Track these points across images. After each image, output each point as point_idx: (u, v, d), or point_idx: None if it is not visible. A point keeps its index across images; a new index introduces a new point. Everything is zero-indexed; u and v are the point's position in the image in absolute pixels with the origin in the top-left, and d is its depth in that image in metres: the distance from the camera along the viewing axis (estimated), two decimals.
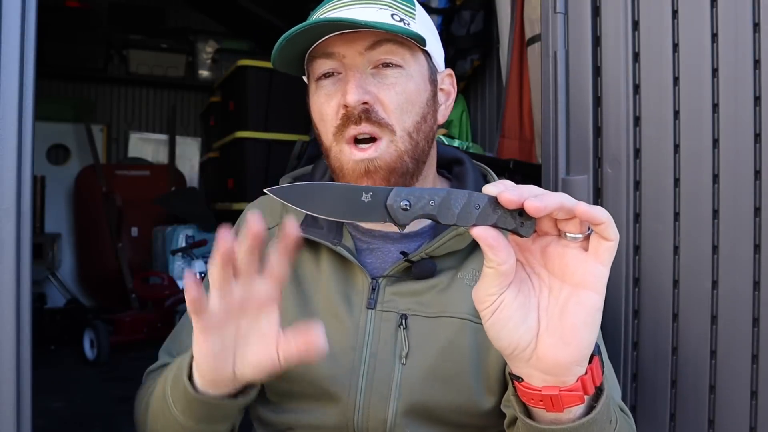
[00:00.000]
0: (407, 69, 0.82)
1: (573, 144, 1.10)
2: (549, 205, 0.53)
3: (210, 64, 5.06)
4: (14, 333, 0.86)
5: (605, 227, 0.54)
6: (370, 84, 0.80)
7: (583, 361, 0.59)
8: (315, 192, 0.57)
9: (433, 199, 0.55)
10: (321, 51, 0.81)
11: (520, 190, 0.54)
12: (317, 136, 0.87)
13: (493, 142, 2.52)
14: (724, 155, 0.94)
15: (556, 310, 0.57)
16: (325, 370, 0.82)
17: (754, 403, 0.92)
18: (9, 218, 0.86)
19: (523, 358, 0.59)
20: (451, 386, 0.82)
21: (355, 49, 0.80)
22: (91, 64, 4.77)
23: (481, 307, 0.58)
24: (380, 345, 0.83)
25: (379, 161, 0.80)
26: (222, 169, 4.04)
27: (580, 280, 0.56)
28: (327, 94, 0.82)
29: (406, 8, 0.84)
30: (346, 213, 0.57)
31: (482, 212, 0.55)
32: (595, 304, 0.56)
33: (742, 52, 0.92)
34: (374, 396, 0.81)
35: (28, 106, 0.89)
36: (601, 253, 0.55)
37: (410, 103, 0.82)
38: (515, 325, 0.57)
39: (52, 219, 4.61)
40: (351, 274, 0.86)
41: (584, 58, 1.08)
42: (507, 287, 0.57)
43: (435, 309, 0.83)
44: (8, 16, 0.87)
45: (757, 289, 0.91)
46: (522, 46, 2.29)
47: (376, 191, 0.56)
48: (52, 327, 3.82)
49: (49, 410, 2.70)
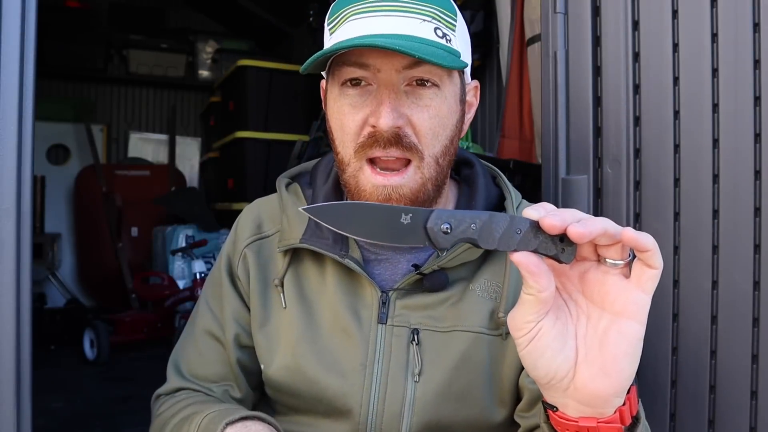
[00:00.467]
0: (443, 89, 0.76)
1: (573, 144, 1.10)
2: (593, 231, 0.51)
3: (210, 64, 5.06)
4: (14, 333, 0.86)
5: (651, 255, 0.52)
6: (403, 104, 0.74)
7: (623, 393, 0.56)
8: (352, 212, 0.55)
9: (475, 223, 0.54)
10: (355, 60, 0.74)
11: (562, 215, 0.52)
12: (331, 141, 0.82)
13: (493, 142, 2.52)
14: (724, 155, 0.94)
15: (595, 340, 0.55)
16: (335, 388, 0.80)
17: (754, 403, 0.92)
18: (9, 218, 0.86)
19: (560, 388, 0.57)
20: (465, 401, 0.80)
21: (392, 66, 0.74)
22: (91, 64, 4.77)
23: (518, 335, 0.56)
24: (392, 361, 0.80)
25: (403, 189, 0.76)
26: (222, 169, 4.04)
27: (621, 309, 0.54)
28: (352, 104, 0.76)
29: (449, 20, 0.78)
30: (384, 235, 0.55)
31: (523, 237, 0.53)
32: (637, 334, 0.54)
33: (742, 52, 0.92)
34: (387, 414, 0.79)
35: (28, 106, 0.89)
36: (645, 282, 0.53)
37: (442, 127, 0.77)
38: (553, 355, 0.55)
39: (52, 219, 4.60)
40: (359, 286, 0.83)
41: (584, 58, 1.08)
42: (545, 315, 0.55)
43: (448, 323, 0.81)
44: (8, 16, 0.87)
45: (757, 289, 0.91)
46: (522, 46, 2.29)
47: (415, 213, 0.54)
48: (52, 327, 3.81)
49: (49, 410, 2.70)
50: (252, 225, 0.91)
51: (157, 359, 0.96)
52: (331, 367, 0.81)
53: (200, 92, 5.17)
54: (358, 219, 0.55)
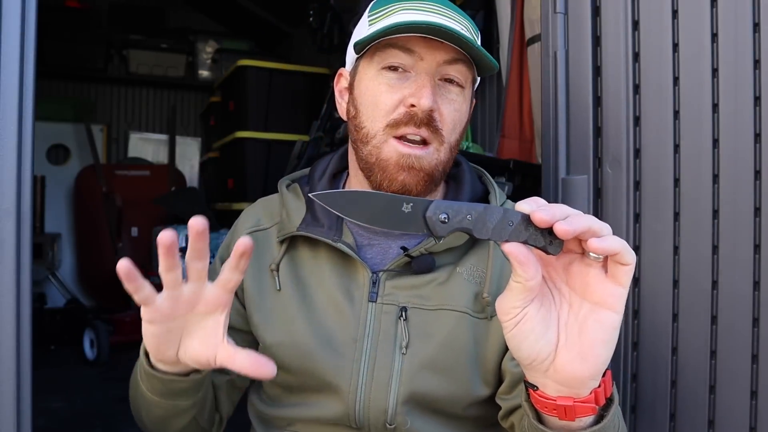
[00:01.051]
0: (465, 91, 0.86)
1: (573, 144, 1.10)
2: (578, 228, 0.55)
3: (210, 64, 5.06)
4: (14, 333, 0.86)
5: (621, 256, 0.56)
6: (437, 94, 0.83)
7: (598, 376, 0.61)
8: (358, 199, 0.59)
9: (471, 214, 0.57)
10: (402, 44, 0.82)
11: (552, 210, 0.56)
12: (353, 118, 0.88)
13: (493, 142, 2.52)
14: (724, 155, 0.94)
15: (575, 327, 0.59)
16: (327, 362, 0.85)
17: (754, 403, 0.92)
18: (9, 218, 0.86)
19: (541, 370, 0.61)
20: (449, 376, 0.84)
21: (436, 58, 0.82)
22: (91, 64, 4.76)
23: (505, 319, 0.60)
24: (381, 336, 0.85)
25: (423, 161, 0.83)
26: (222, 169, 4.04)
27: (600, 299, 0.58)
28: (390, 85, 0.83)
29: (476, 35, 0.87)
30: (385, 221, 0.59)
31: (515, 229, 0.57)
32: (614, 323, 0.58)
33: (742, 52, 0.92)
34: (375, 385, 0.84)
35: (28, 106, 0.89)
36: (620, 276, 0.57)
37: (459, 122, 0.86)
38: (536, 338, 0.59)
39: (52, 219, 4.60)
40: (352, 269, 0.88)
41: (584, 58, 1.08)
42: (531, 301, 0.59)
43: (434, 302, 0.86)
44: (8, 16, 0.87)
45: (757, 289, 0.91)
46: (522, 46, 2.29)
47: (416, 203, 0.58)
48: (52, 327, 3.82)
49: (49, 410, 2.70)
50: (252, 220, 0.98)
51: None
52: (324, 342, 0.86)
53: (200, 92, 5.17)
54: (363, 205, 0.58)
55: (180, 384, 0.77)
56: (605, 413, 0.65)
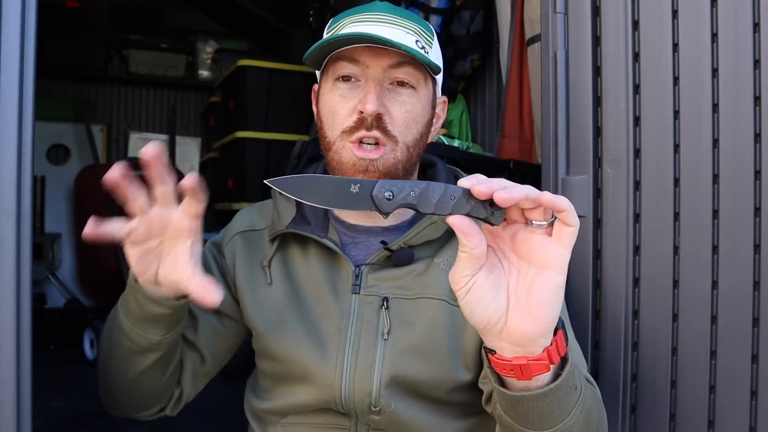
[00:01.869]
0: (418, 91, 0.91)
1: (573, 144, 1.10)
2: (515, 196, 0.59)
3: (210, 64, 5.05)
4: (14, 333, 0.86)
5: (567, 214, 0.60)
6: (385, 97, 0.88)
7: (548, 333, 0.65)
8: (309, 183, 0.63)
9: (414, 191, 0.62)
10: (348, 55, 0.89)
11: (490, 183, 0.61)
12: (320, 129, 0.95)
13: (493, 142, 2.52)
14: (724, 155, 0.94)
15: (523, 290, 0.64)
16: (314, 350, 0.91)
17: (754, 403, 0.92)
18: (9, 218, 0.86)
19: (495, 332, 0.65)
20: (430, 360, 0.89)
21: (380, 64, 0.88)
22: (91, 64, 4.76)
23: (457, 287, 0.64)
24: (364, 324, 0.91)
25: (378, 163, 0.88)
26: (222, 169, 4.04)
27: (545, 262, 0.62)
28: (343, 95, 0.90)
29: (427, 37, 0.93)
30: (336, 202, 0.63)
31: (457, 202, 0.61)
32: (558, 282, 0.63)
33: (742, 52, 0.92)
34: (359, 369, 0.89)
35: (28, 106, 0.89)
36: (563, 237, 0.62)
37: (414, 122, 0.91)
38: (486, 303, 0.64)
39: (52, 219, 4.60)
40: (337, 264, 0.95)
41: (584, 58, 1.08)
42: (479, 269, 0.63)
43: (414, 291, 0.92)
44: (8, 16, 0.87)
45: (757, 289, 0.91)
46: (522, 46, 2.29)
47: (363, 183, 0.63)
48: (52, 327, 3.81)
49: (49, 410, 2.70)
50: (246, 221, 1.04)
51: None
52: (311, 332, 0.92)
53: (200, 92, 5.16)
54: (315, 188, 0.63)
55: (157, 308, 0.83)
56: (561, 372, 0.69)
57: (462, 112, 2.72)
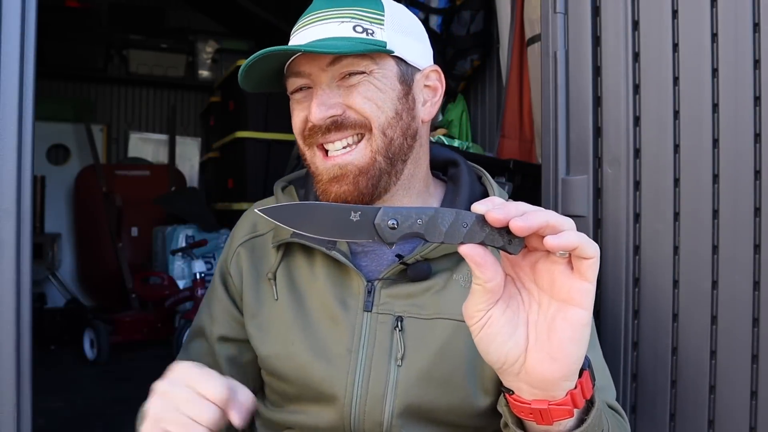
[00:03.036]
0: (371, 75, 0.83)
1: (573, 144, 1.10)
2: (533, 224, 0.54)
3: (210, 64, 5.06)
4: (14, 333, 0.86)
5: (581, 250, 0.55)
6: (335, 96, 0.83)
7: (572, 376, 0.60)
8: (305, 212, 0.59)
9: (421, 218, 0.56)
10: (291, 70, 0.86)
11: (507, 208, 0.55)
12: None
13: (493, 142, 2.52)
14: (724, 155, 0.94)
15: (544, 326, 0.58)
16: (321, 373, 0.84)
17: (754, 403, 0.92)
18: (9, 218, 0.86)
19: (512, 372, 0.60)
20: (447, 387, 0.82)
21: (317, 66, 0.83)
22: (91, 64, 4.77)
23: (470, 323, 0.59)
24: (376, 347, 0.84)
25: (350, 166, 0.83)
26: (222, 169, 4.04)
27: (567, 296, 0.57)
28: (297, 108, 0.87)
29: (373, 16, 0.84)
30: (335, 232, 0.58)
31: (470, 230, 0.56)
32: (582, 320, 0.57)
33: (742, 52, 0.92)
34: (370, 397, 0.82)
35: (28, 106, 0.89)
36: (584, 271, 0.56)
37: (381, 100, 0.83)
38: (503, 341, 0.58)
39: (52, 219, 4.60)
40: (346, 277, 0.87)
41: (584, 58, 1.08)
42: (495, 303, 0.58)
43: (430, 311, 0.84)
44: (8, 16, 0.87)
45: (757, 289, 0.91)
46: (522, 46, 2.29)
47: (364, 210, 0.57)
48: (52, 327, 3.81)
49: (49, 410, 2.70)
50: (248, 226, 0.98)
51: (157, 359, 0.97)
52: (319, 353, 0.85)
53: (200, 92, 5.17)
54: (311, 218, 0.58)
55: None
56: (586, 416, 0.63)
57: (462, 112, 2.72)
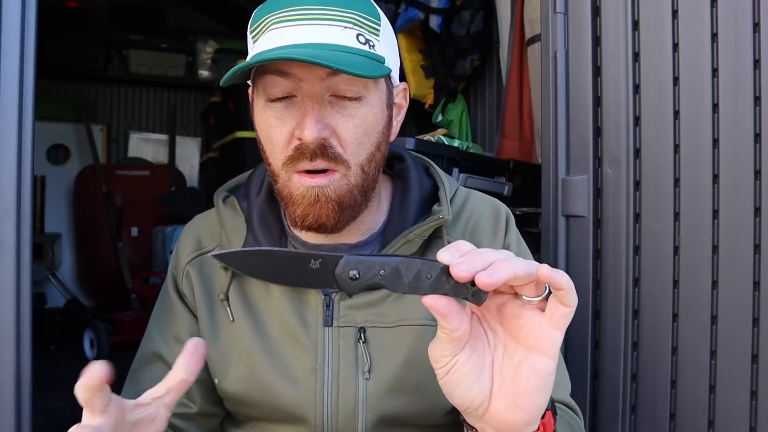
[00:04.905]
0: (368, 98, 0.76)
1: (573, 144, 1.10)
2: (500, 279, 0.52)
3: (210, 64, 5.05)
4: (14, 333, 0.86)
5: (565, 293, 0.53)
6: (328, 116, 0.74)
7: (535, 421, 0.59)
8: (261, 257, 0.56)
9: (384, 269, 0.55)
10: (276, 68, 0.73)
11: (471, 262, 0.52)
12: (261, 151, 0.81)
13: (493, 142, 2.52)
14: (724, 155, 0.94)
15: (509, 372, 0.57)
16: (289, 395, 0.81)
17: (754, 403, 0.92)
18: (9, 218, 0.86)
19: (477, 416, 0.59)
20: (417, 394, 0.81)
21: (315, 75, 0.73)
22: (91, 64, 4.76)
23: (436, 366, 0.58)
24: (342, 362, 0.81)
25: (329, 191, 0.76)
26: (222, 169, 4.04)
27: (534, 344, 0.55)
28: (278, 117, 0.75)
29: (372, 25, 0.77)
30: (294, 279, 0.56)
31: (434, 282, 0.55)
32: (547, 368, 0.56)
33: (742, 52, 0.92)
34: (341, 414, 0.80)
35: (28, 106, 0.89)
36: (557, 319, 0.54)
37: (367, 135, 0.76)
38: (468, 386, 0.57)
39: (52, 219, 4.60)
40: (303, 292, 0.83)
41: (584, 58, 1.08)
42: (461, 349, 0.57)
43: (392, 318, 0.81)
44: (8, 16, 0.87)
45: (757, 289, 0.91)
46: (522, 46, 2.29)
47: (325, 259, 0.55)
48: (52, 327, 3.81)
49: (49, 410, 2.70)
50: (192, 242, 0.91)
51: None
52: (284, 374, 0.81)
53: (200, 92, 5.16)
54: (267, 265, 0.56)
55: None
56: None
57: (462, 112, 2.72)
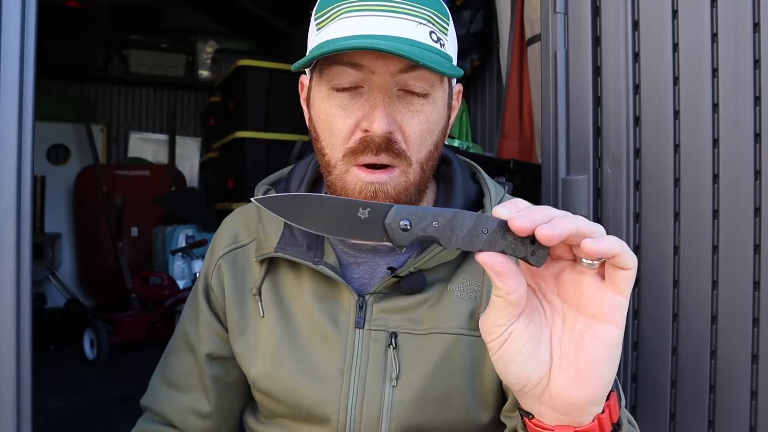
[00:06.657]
0: (433, 96, 0.75)
1: (573, 144, 1.10)
2: (562, 232, 0.48)
3: (210, 64, 5.06)
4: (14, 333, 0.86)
5: (619, 259, 0.49)
6: (396, 109, 0.73)
7: (601, 401, 0.54)
8: (308, 204, 0.52)
9: (437, 220, 0.51)
10: (347, 59, 0.72)
11: (532, 214, 0.49)
12: (315, 141, 0.80)
13: (493, 142, 2.52)
14: (724, 155, 0.94)
15: (570, 344, 0.53)
16: (313, 395, 0.79)
17: (754, 403, 0.92)
18: (9, 218, 0.86)
19: (534, 395, 0.54)
20: (445, 405, 0.78)
21: (388, 69, 0.71)
22: (91, 64, 4.76)
23: (489, 339, 0.53)
24: (369, 367, 0.78)
25: (388, 187, 0.74)
26: (222, 169, 4.04)
27: (597, 312, 0.51)
28: (343, 107, 0.74)
29: (443, 23, 0.75)
30: (339, 229, 0.52)
31: (490, 237, 0.50)
32: (614, 338, 0.51)
33: (742, 52, 0.92)
34: (365, 420, 0.78)
35: (28, 106, 0.89)
36: (619, 283, 0.50)
37: (430, 133, 0.75)
38: (525, 360, 0.53)
39: (52, 219, 4.60)
40: (336, 291, 0.81)
41: (584, 58, 1.08)
42: (517, 317, 0.52)
43: (426, 325, 0.79)
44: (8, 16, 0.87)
45: (757, 289, 0.91)
46: (522, 46, 2.29)
47: (374, 207, 0.51)
48: (52, 327, 3.81)
49: (49, 410, 2.70)
50: (229, 235, 0.91)
51: (157, 359, 0.97)
52: (310, 374, 0.80)
53: (200, 92, 5.17)
54: (313, 212, 0.52)
55: None
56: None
57: (462, 112, 2.72)
